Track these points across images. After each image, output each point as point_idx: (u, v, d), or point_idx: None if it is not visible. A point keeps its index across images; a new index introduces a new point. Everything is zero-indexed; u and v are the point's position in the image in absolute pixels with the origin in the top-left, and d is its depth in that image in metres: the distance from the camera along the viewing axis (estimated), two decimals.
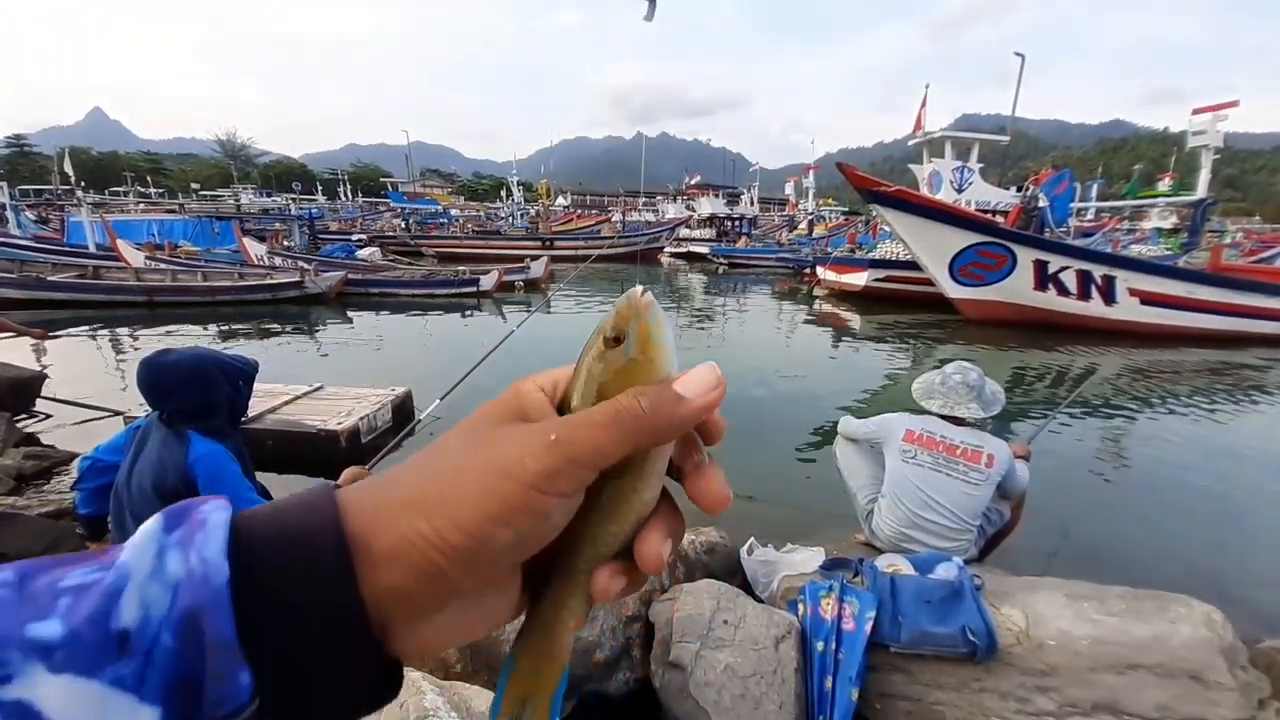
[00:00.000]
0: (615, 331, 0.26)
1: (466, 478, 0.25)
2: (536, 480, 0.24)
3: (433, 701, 1.16)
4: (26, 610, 0.20)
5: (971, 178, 16.88)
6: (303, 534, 0.23)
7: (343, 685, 0.23)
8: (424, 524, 0.24)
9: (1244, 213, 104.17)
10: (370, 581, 0.23)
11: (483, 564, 0.24)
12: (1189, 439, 5.78)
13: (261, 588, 0.22)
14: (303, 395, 4.75)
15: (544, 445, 0.25)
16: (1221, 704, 1.63)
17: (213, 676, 0.21)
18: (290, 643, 0.22)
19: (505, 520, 0.24)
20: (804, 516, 3.51)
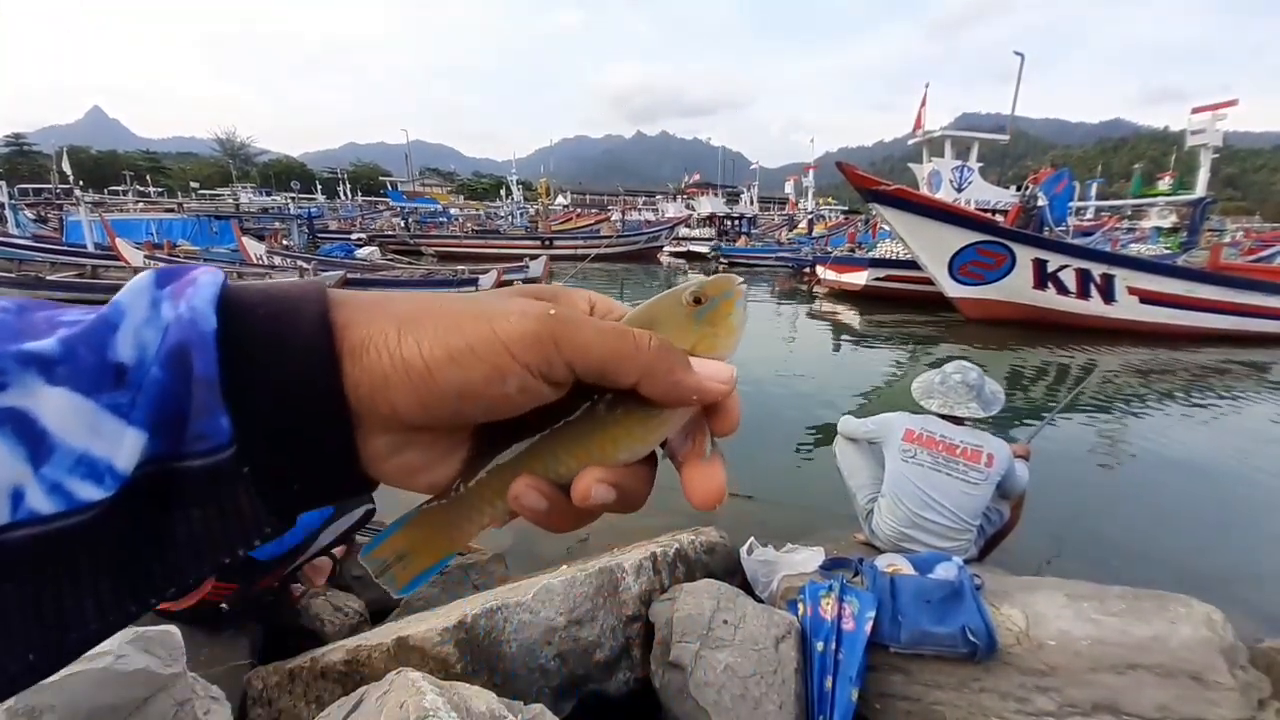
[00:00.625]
0: (700, 294, 0.27)
1: (453, 316, 0.25)
2: (511, 338, 0.24)
3: (433, 701, 1.16)
4: (25, 331, 0.21)
5: (971, 177, 16.88)
6: (289, 308, 0.24)
7: (315, 454, 0.24)
8: (394, 335, 0.24)
9: (1244, 212, 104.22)
10: (345, 367, 0.24)
11: (431, 400, 0.24)
12: (1188, 438, 5.79)
13: (245, 344, 0.23)
14: None
15: (538, 314, 0.25)
16: (1221, 704, 1.63)
17: (196, 411, 0.22)
18: (268, 399, 0.23)
19: (464, 363, 0.24)
20: (804, 516, 3.51)
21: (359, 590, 2.44)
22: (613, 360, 0.25)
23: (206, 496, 0.22)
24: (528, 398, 0.25)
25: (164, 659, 1.31)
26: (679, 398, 0.25)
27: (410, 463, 0.27)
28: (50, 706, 1.12)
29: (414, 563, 0.28)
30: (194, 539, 0.23)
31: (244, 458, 0.22)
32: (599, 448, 0.26)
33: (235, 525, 0.23)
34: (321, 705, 1.59)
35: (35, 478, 0.20)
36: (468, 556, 2.69)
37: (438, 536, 0.28)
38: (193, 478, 0.22)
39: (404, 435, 0.26)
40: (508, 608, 1.73)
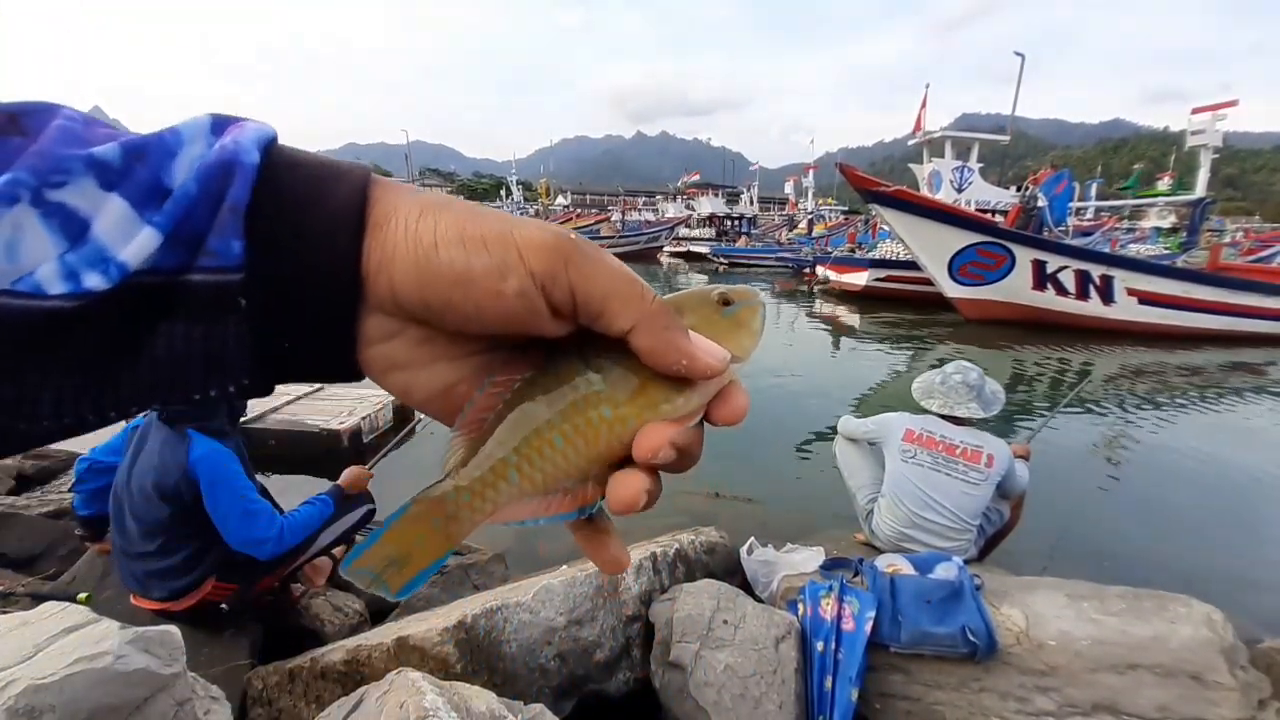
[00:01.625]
0: (728, 297, 0.28)
1: (478, 211, 0.25)
2: (525, 241, 0.24)
3: (432, 701, 1.16)
4: (92, 140, 0.22)
5: (971, 177, 16.90)
6: (333, 173, 0.25)
7: (315, 313, 0.24)
8: (415, 213, 0.24)
9: (1243, 212, 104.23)
10: (366, 239, 0.24)
11: (427, 280, 0.24)
12: (1188, 438, 5.78)
13: (282, 188, 0.23)
14: (304, 395, 4.75)
15: (559, 232, 0.25)
16: (1221, 704, 1.63)
17: (216, 230, 0.22)
18: (288, 244, 0.23)
19: (471, 248, 0.24)
20: (804, 517, 3.51)
21: (359, 590, 2.44)
22: (615, 298, 0.25)
23: (197, 314, 0.22)
24: (522, 306, 0.24)
25: (164, 659, 1.31)
26: (667, 357, 0.25)
27: (394, 356, 0.27)
28: (50, 706, 1.12)
29: (407, 569, 0.26)
30: (171, 359, 0.23)
31: (247, 289, 0.23)
32: (607, 428, 0.26)
33: (215, 359, 0.23)
34: (321, 705, 1.59)
35: (58, 261, 0.21)
36: (468, 556, 2.69)
37: (433, 532, 0.26)
38: (191, 292, 0.22)
39: (396, 322, 0.26)
40: (508, 608, 1.73)
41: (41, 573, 2.37)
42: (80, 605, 1.41)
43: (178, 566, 1.85)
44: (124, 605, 1.92)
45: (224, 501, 1.78)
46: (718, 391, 0.27)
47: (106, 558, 2.12)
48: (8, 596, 2.11)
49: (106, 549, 2.05)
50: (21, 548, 2.50)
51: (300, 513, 1.95)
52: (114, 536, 1.91)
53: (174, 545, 1.84)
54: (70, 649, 1.23)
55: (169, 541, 1.83)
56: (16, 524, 2.56)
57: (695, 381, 0.26)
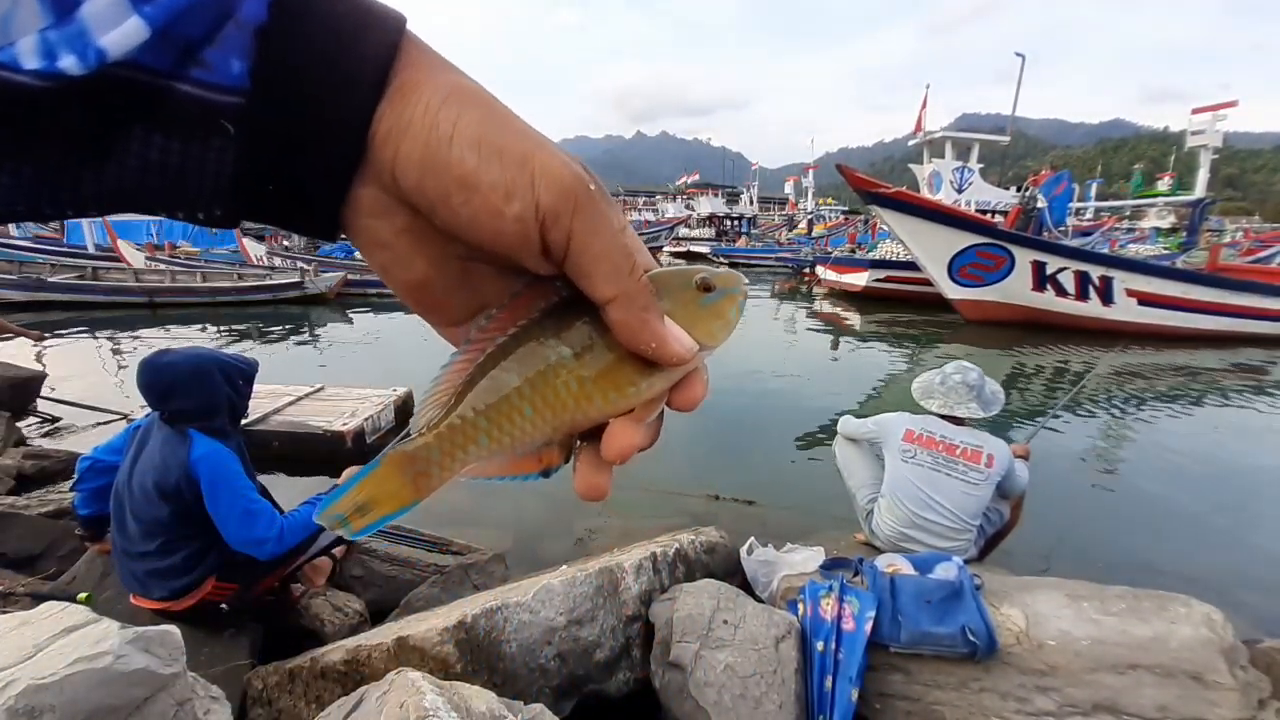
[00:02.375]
0: (709, 283, 0.28)
1: (506, 117, 0.24)
2: (543, 170, 0.23)
3: (433, 701, 1.16)
4: None
5: (971, 178, 16.92)
6: (364, 21, 0.22)
7: (308, 160, 0.22)
8: (440, 96, 0.23)
9: (1243, 212, 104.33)
10: (383, 102, 0.23)
11: (430, 169, 0.23)
12: (1187, 438, 5.78)
13: (304, 19, 0.21)
14: (305, 396, 4.76)
15: (580, 175, 0.24)
16: (1221, 704, 1.63)
17: (218, 41, 0.20)
18: (295, 79, 0.21)
19: (485, 156, 0.23)
20: (804, 519, 3.51)
21: (359, 590, 2.44)
22: (606, 262, 0.24)
23: (178, 128, 0.21)
24: (516, 232, 0.23)
25: (164, 659, 1.31)
26: (638, 336, 0.25)
27: (379, 233, 0.25)
28: (50, 706, 1.12)
29: (373, 514, 0.27)
30: (142, 169, 0.21)
31: (239, 115, 0.21)
32: (574, 401, 0.26)
33: (189, 180, 0.22)
34: (321, 705, 1.59)
35: (38, 35, 0.19)
36: (468, 556, 2.69)
37: (404, 485, 0.27)
38: (175, 101, 0.20)
39: (388, 200, 0.24)
40: (508, 608, 1.73)
41: (41, 573, 2.37)
42: (80, 605, 1.41)
43: (178, 566, 1.85)
44: (124, 605, 1.92)
45: (224, 501, 1.78)
46: (681, 376, 0.28)
47: (106, 558, 2.12)
48: (8, 596, 2.11)
49: (106, 549, 2.05)
50: (21, 548, 2.50)
51: (300, 513, 1.95)
52: (114, 536, 1.91)
53: (174, 545, 1.84)
54: (70, 649, 1.23)
55: (169, 541, 1.83)
56: (16, 524, 2.55)
57: (661, 367, 0.27)
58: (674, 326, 0.26)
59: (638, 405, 0.27)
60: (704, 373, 0.28)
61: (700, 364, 0.28)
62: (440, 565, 2.63)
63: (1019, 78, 17.26)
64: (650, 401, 0.27)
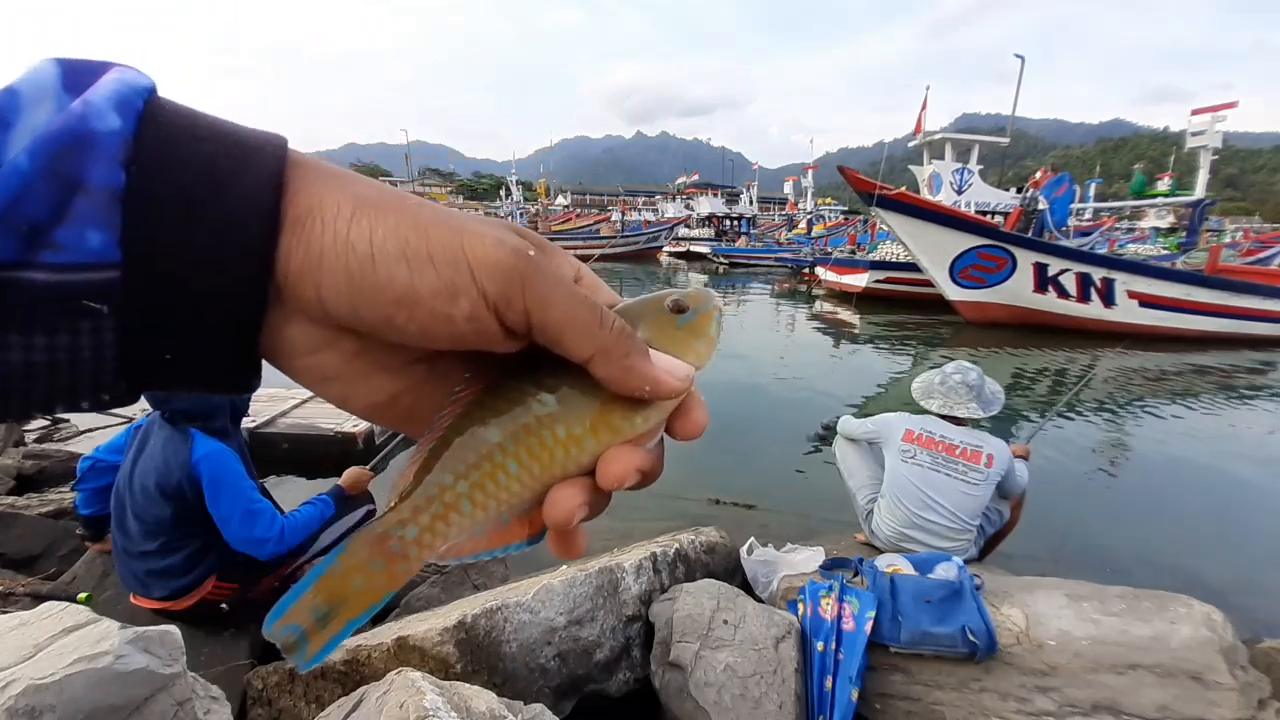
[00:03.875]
0: (681, 304, 0.27)
1: (421, 216, 0.22)
2: (478, 259, 0.21)
3: (433, 702, 1.16)
4: None
5: (971, 179, 16.90)
6: (238, 151, 0.20)
7: (209, 321, 0.20)
8: (347, 213, 0.21)
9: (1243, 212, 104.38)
10: (283, 236, 0.21)
11: (363, 295, 0.21)
12: (1187, 439, 5.78)
13: (166, 166, 0.19)
14: (309, 399, 4.76)
15: (516, 248, 0.22)
16: (1221, 704, 1.63)
17: (67, 218, 0.18)
18: (171, 234, 0.19)
19: (416, 266, 0.21)
20: (804, 520, 3.51)
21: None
22: (573, 326, 0.23)
23: (35, 321, 0.18)
24: (473, 329, 0.22)
25: (164, 659, 1.31)
26: (629, 384, 0.24)
27: (326, 367, 0.24)
28: (50, 706, 1.12)
29: (340, 615, 0.22)
30: (3, 374, 0.19)
31: (107, 290, 0.19)
32: (563, 451, 0.24)
33: (63, 371, 0.19)
34: (321, 705, 1.59)
35: None
36: None
37: (374, 575, 0.23)
38: (25, 291, 0.18)
39: (326, 332, 0.23)
40: (508, 608, 1.73)
41: (41, 573, 2.37)
42: (80, 605, 1.41)
43: (179, 566, 1.85)
44: (124, 605, 1.92)
45: (226, 501, 1.78)
46: (677, 404, 0.26)
47: (106, 558, 2.12)
48: (8, 596, 2.11)
49: (107, 549, 2.06)
50: (21, 548, 2.50)
51: (301, 513, 1.95)
52: (115, 536, 1.91)
53: (175, 544, 1.84)
54: (70, 649, 1.23)
55: (170, 541, 1.83)
56: (16, 524, 2.56)
57: (654, 399, 0.25)
58: (663, 358, 0.25)
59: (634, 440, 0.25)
60: (700, 396, 0.27)
61: (693, 387, 0.26)
62: (440, 565, 2.63)
63: (1019, 79, 17.25)
64: (646, 435, 0.25)
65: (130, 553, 1.87)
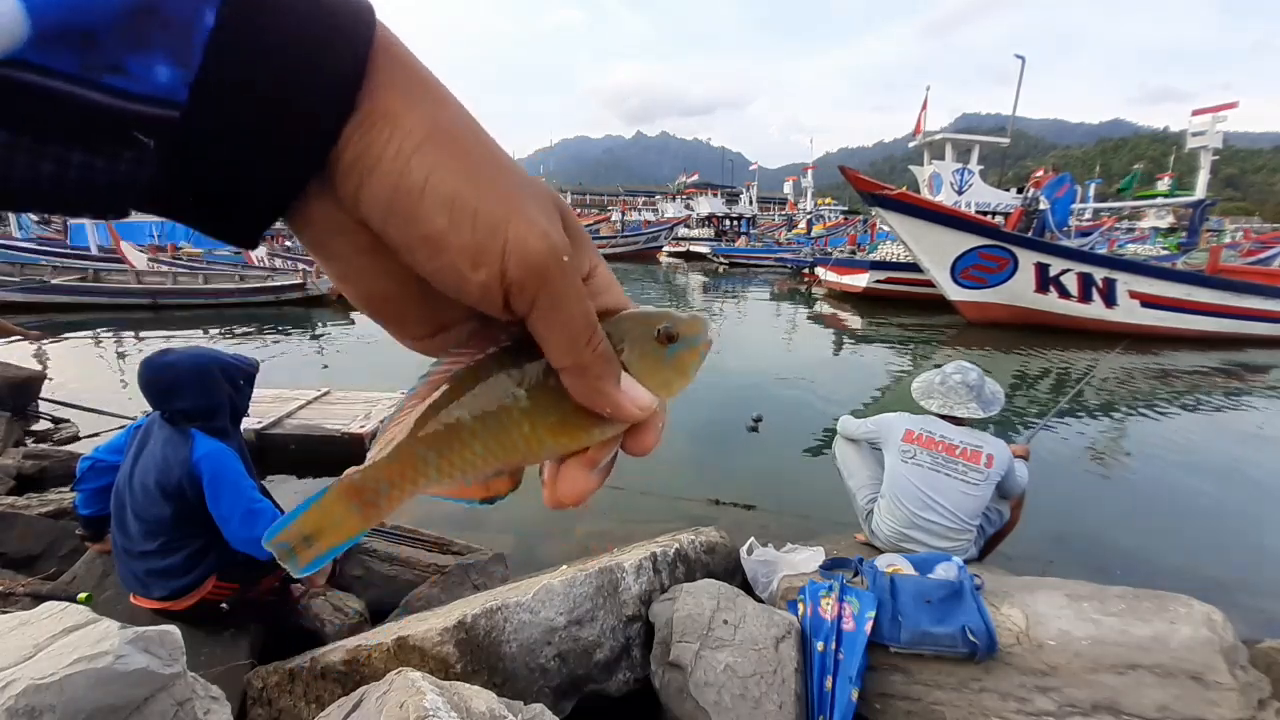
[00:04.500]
0: (674, 333, 0.27)
1: (487, 168, 0.22)
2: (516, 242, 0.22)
3: (433, 702, 1.16)
4: None
5: (971, 179, 16.90)
6: (327, 18, 0.20)
7: (252, 182, 0.20)
8: (418, 135, 0.21)
9: (1244, 212, 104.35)
10: (349, 125, 0.20)
11: (396, 215, 0.21)
12: (1188, 439, 5.78)
13: (253, 18, 0.18)
14: (314, 400, 4.77)
15: (556, 246, 0.22)
16: (1221, 704, 1.63)
17: (137, 41, 0.17)
18: (241, 97, 0.19)
19: (457, 217, 0.21)
20: (804, 521, 3.51)
21: (359, 590, 2.44)
22: (564, 335, 0.24)
23: (81, 139, 0.18)
24: (479, 294, 0.23)
25: (164, 659, 1.31)
26: (593, 403, 0.25)
27: (338, 249, 0.24)
28: (50, 706, 1.12)
29: (320, 545, 0.26)
30: (31, 178, 0.18)
31: (161, 127, 0.18)
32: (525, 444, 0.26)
33: (87, 189, 0.19)
34: (321, 705, 1.59)
35: None
36: (468, 556, 2.69)
37: (350, 514, 0.27)
38: (82, 109, 0.17)
39: (347, 221, 0.22)
40: (508, 608, 1.73)
41: (41, 573, 2.37)
42: (80, 605, 1.41)
43: (179, 566, 1.85)
44: (124, 605, 1.92)
45: (227, 501, 1.78)
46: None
47: (106, 558, 2.12)
48: (8, 596, 2.11)
49: (107, 549, 2.06)
50: (21, 548, 2.50)
51: None
52: (115, 535, 1.91)
53: (175, 544, 1.84)
54: (70, 649, 1.23)
55: (170, 540, 1.83)
56: (16, 524, 2.56)
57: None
58: (631, 387, 0.26)
59: (592, 446, 0.27)
60: (659, 420, 0.28)
61: (659, 411, 0.28)
62: (440, 565, 2.63)
63: (1019, 79, 17.25)
64: (604, 446, 0.27)
65: (130, 553, 1.87)
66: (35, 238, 18.37)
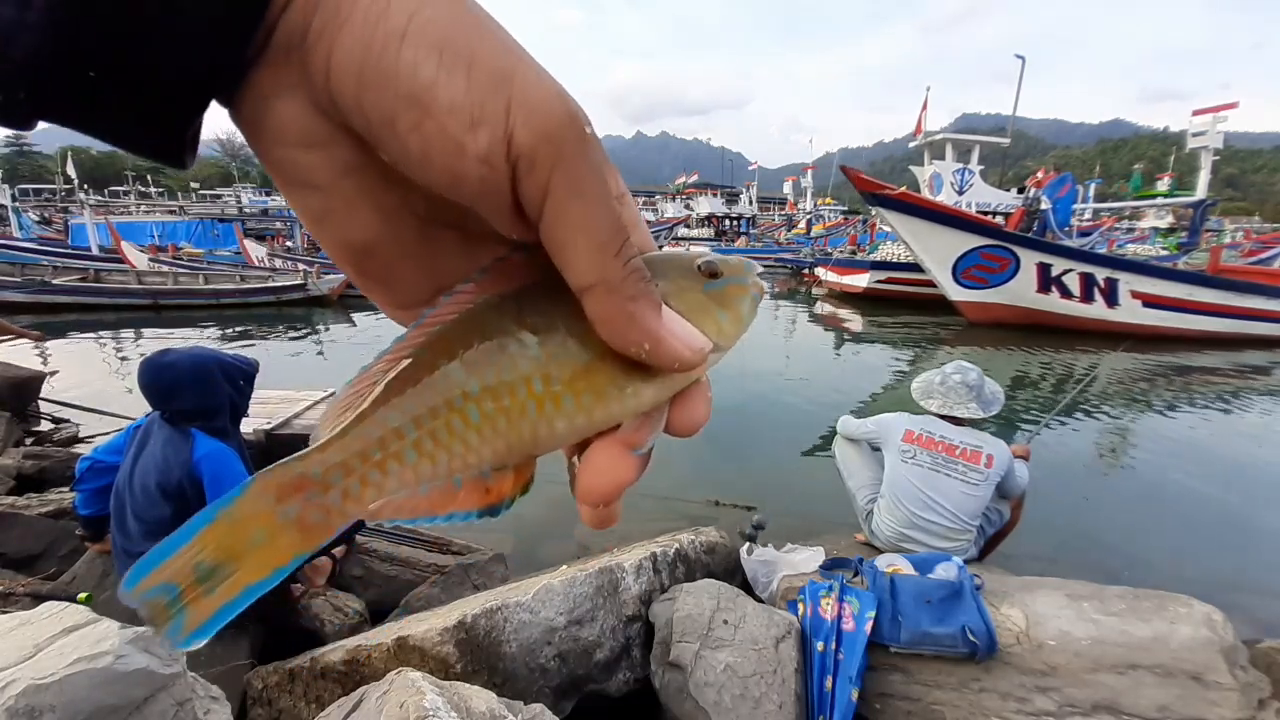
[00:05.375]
0: (716, 268, 0.22)
1: (483, 23, 0.17)
2: (523, 100, 0.17)
3: (433, 702, 1.16)
4: None
5: (972, 179, 16.90)
6: None
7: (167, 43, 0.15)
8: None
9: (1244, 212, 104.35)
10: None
11: (373, 85, 0.17)
12: (1189, 439, 5.78)
13: None
14: (321, 400, 4.79)
15: (571, 110, 0.18)
16: (1221, 704, 1.63)
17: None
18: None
19: (451, 67, 0.16)
20: (804, 521, 3.50)
21: (359, 590, 2.44)
22: (586, 235, 0.18)
23: None
24: (480, 176, 0.18)
25: (164, 659, 1.32)
26: (626, 334, 0.19)
27: (310, 171, 0.19)
28: (50, 707, 1.12)
29: (228, 575, 0.17)
30: None
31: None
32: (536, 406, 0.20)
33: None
34: (321, 705, 1.59)
35: None
36: (468, 556, 2.69)
37: (280, 528, 0.18)
38: None
39: (323, 124, 0.18)
40: (508, 608, 1.73)
41: (41, 573, 2.37)
42: (80, 605, 1.41)
43: None
44: (124, 605, 1.91)
45: None
46: (681, 388, 0.21)
47: (106, 558, 2.12)
48: (8, 596, 2.11)
49: (106, 549, 2.06)
50: (21, 548, 2.50)
51: None
52: (115, 536, 1.91)
53: None
54: (70, 649, 1.23)
55: None
56: (16, 524, 2.56)
57: (658, 371, 0.20)
58: (675, 320, 0.20)
59: (626, 421, 0.21)
60: (707, 386, 0.22)
61: (705, 373, 0.22)
62: (440, 565, 2.63)
63: (1019, 79, 17.25)
64: (645, 418, 0.21)
65: (130, 553, 1.87)
66: (36, 238, 18.39)
